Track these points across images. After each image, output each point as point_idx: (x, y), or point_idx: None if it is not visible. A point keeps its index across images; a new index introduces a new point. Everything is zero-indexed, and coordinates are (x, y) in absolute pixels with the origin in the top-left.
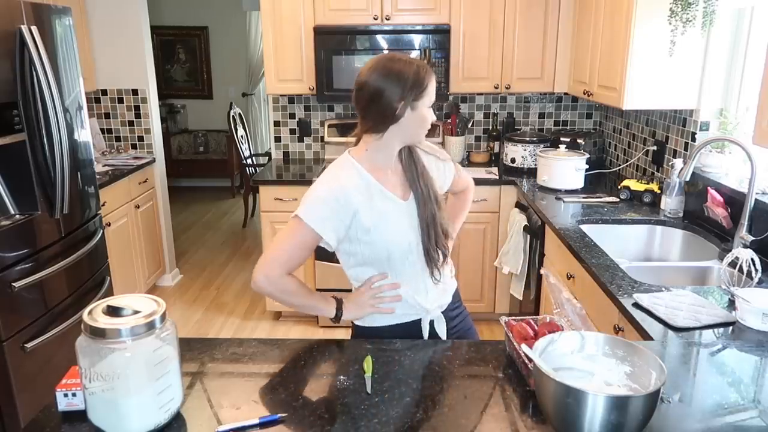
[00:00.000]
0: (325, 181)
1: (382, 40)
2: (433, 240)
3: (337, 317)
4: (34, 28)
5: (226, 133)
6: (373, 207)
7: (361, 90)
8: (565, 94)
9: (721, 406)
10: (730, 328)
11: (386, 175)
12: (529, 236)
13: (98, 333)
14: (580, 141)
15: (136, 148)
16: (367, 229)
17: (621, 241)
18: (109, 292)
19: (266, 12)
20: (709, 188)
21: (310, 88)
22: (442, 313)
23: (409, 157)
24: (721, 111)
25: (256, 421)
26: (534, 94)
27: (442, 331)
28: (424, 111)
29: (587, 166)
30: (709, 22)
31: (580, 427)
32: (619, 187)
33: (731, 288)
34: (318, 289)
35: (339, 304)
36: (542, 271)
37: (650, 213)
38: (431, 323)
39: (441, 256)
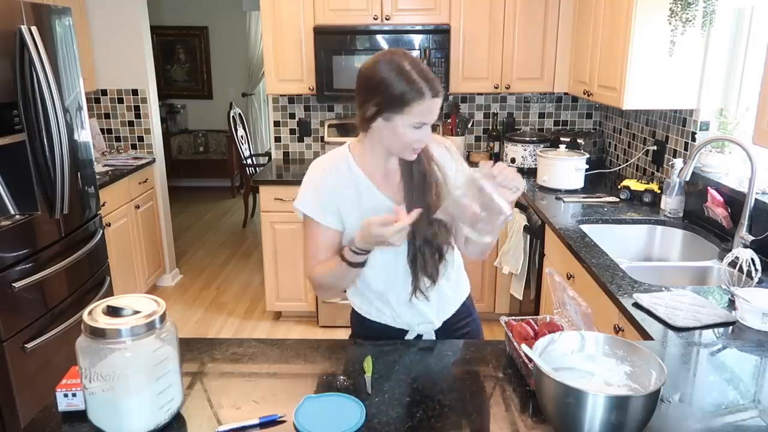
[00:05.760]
0: (311, 167)
1: (382, 40)
2: (420, 261)
3: (353, 257)
4: (34, 29)
5: (226, 133)
6: (360, 204)
7: (357, 80)
8: (565, 94)
9: (721, 406)
10: (730, 328)
11: (385, 175)
12: (529, 236)
13: (98, 333)
14: (580, 141)
15: (136, 148)
16: (350, 225)
17: (621, 241)
18: (109, 292)
19: (266, 12)
20: (709, 188)
21: (310, 88)
22: (445, 324)
23: (407, 165)
24: (721, 111)
25: (256, 421)
26: (534, 94)
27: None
28: (399, 128)
29: (587, 166)
30: (709, 22)
31: (580, 427)
32: (619, 187)
33: (731, 288)
34: None
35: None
36: (547, 270)
37: (650, 213)
38: (420, 337)
39: (428, 280)
